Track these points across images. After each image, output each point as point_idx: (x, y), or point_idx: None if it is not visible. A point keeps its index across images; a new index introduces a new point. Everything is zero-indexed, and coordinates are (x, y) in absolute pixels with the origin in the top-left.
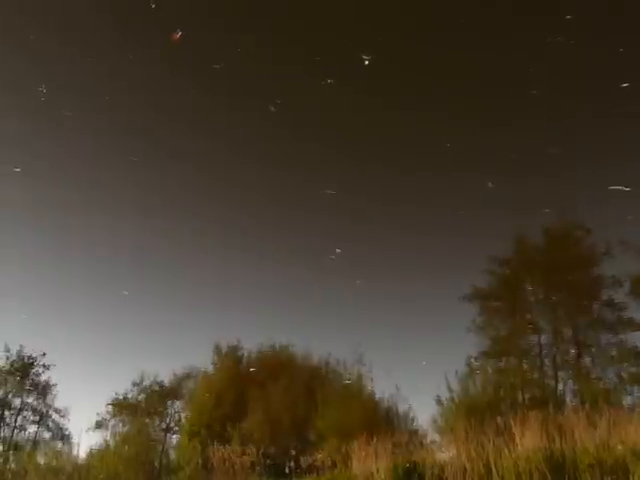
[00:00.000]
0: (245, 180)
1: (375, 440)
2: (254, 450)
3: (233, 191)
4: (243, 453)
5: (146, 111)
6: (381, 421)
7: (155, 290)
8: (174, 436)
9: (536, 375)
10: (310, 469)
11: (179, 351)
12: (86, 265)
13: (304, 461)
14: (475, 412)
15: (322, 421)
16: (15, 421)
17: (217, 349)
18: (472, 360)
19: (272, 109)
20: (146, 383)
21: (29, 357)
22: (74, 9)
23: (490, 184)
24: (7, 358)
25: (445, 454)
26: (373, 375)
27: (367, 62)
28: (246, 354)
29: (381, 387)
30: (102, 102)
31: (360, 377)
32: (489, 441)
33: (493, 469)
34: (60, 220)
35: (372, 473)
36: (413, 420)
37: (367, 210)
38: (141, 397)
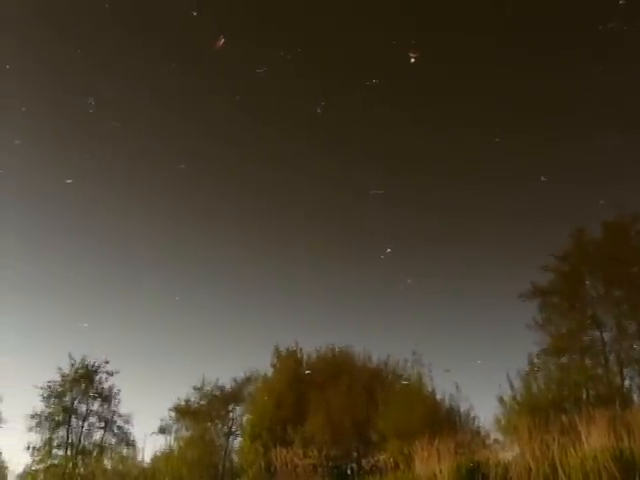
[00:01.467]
0: (294, 181)
1: (437, 440)
2: (316, 452)
3: (283, 192)
4: (305, 455)
5: (191, 118)
6: (443, 421)
7: (213, 294)
8: (236, 440)
9: (600, 372)
10: (373, 471)
11: (239, 355)
12: (146, 271)
13: (366, 463)
14: (539, 411)
15: (383, 422)
16: (82, 427)
17: (276, 352)
18: (534, 358)
19: (318, 111)
20: (207, 388)
21: (93, 365)
22: (118, 20)
23: (543, 178)
24: (72, 366)
25: (509, 454)
26: (432, 375)
27: (413, 60)
28: (305, 356)
29: (441, 387)
30: (150, 112)
31: (420, 377)
32: (554, 440)
33: (559, 469)
34: (117, 228)
35: (435, 474)
36: (475, 420)
37: (416, 207)
38: (203, 402)
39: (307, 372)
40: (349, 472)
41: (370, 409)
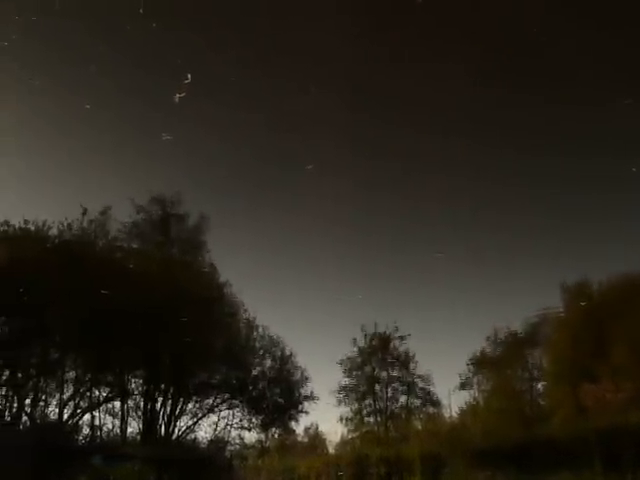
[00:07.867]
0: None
1: None
2: (629, 385)
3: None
4: (617, 389)
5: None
6: None
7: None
8: (539, 384)
9: None
10: None
11: (524, 297)
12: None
13: None
14: None
15: None
16: (386, 393)
17: (565, 288)
18: None
19: None
20: (500, 336)
21: (384, 333)
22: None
23: None
24: (365, 337)
25: None
26: None
27: None
28: (597, 287)
29: None
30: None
31: None
32: None
33: None
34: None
35: None
36: None
37: None
38: (498, 351)
39: (583, 304)
40: None
41: None
